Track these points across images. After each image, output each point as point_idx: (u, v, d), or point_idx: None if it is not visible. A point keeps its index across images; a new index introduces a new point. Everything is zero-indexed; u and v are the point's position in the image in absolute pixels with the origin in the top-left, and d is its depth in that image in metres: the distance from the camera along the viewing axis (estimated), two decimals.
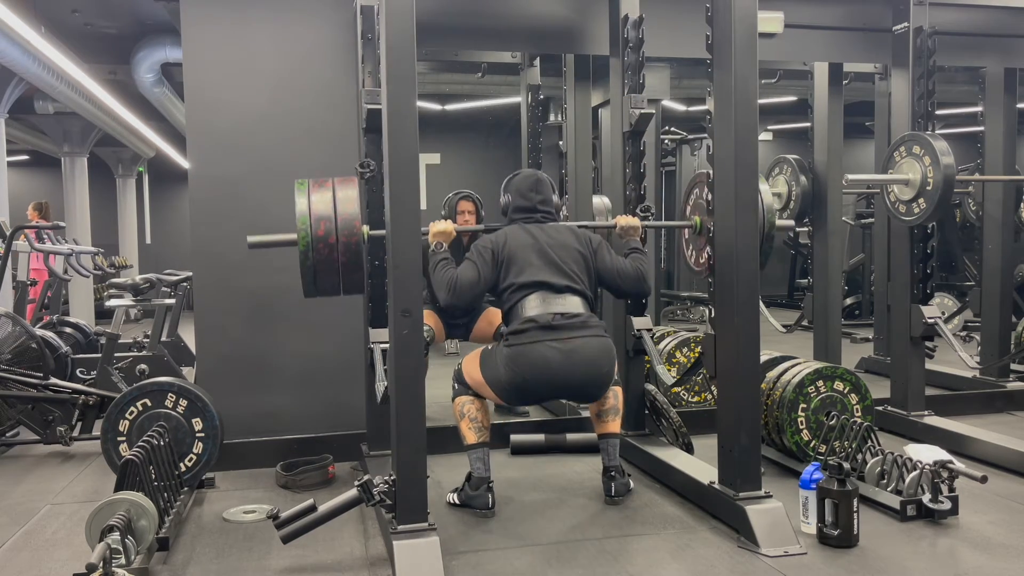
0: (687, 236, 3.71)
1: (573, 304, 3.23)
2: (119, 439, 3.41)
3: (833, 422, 3.61)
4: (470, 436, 3.36)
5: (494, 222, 3.66)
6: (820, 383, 3.69)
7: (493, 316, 4.37)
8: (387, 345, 3.06)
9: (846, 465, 2.95)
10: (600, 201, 5.12)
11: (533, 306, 3.20)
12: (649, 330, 3.82)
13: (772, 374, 3.82)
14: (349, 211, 3.10)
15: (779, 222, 3.70)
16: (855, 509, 2.91)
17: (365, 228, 3.19)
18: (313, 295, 3.21)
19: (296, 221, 3.08)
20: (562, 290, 3.23)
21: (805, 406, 3.66)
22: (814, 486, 3.02)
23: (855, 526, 2.92)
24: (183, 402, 3.47)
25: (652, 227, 3.69)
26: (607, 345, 3.25)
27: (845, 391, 3.71)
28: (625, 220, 3.59)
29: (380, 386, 3.31)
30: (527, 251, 3.28)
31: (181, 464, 3.41)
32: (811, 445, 3.66)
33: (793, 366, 3.84)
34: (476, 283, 3.25)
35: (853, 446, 3.46)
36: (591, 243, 3.41)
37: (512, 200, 3.47)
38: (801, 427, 3.66)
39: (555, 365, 3.12)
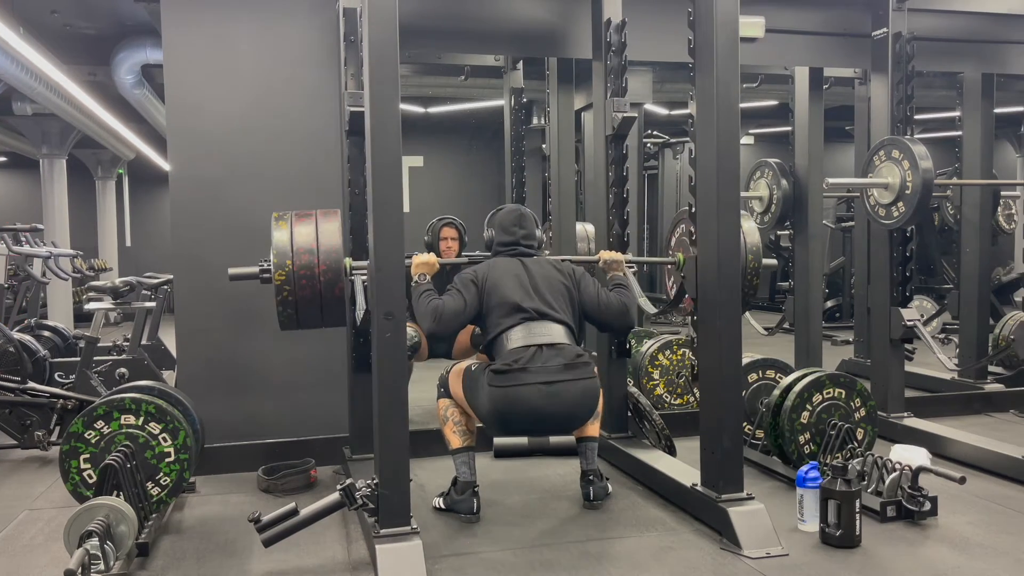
0: (669, 269, 3.72)
1: (557, 334, 3.21)
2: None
3: (833, 431, 3.59)
4: (454, 440, 3.36)
5: (477, 244, 3.65)
6: (826, 391, 3.63)
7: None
8: (366, 276, 3.08)
9: (851, 465, 2.97)
10: (582, 228, 5.12)
11: (517, 338, 3.18)
12: (631, 265, 3.81)
13: (785, 382, 3.74)
14: (332, 243, 3.10)
15: (765, 261, 3.71)
16: (858, 510, 2.94)
17: (348, 260, 3.19)
18: (292, 327, 3.20)
19: (271, 253, 3.08)
20: (546, 320, 3.23)
21: (808, 412, 3.62)
22: (810, 484, 3.05)
23: (857, 526, 2.95)
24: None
25: (635, 262, 3.70)
26: (592, 387, 3.21)
27: (844, 397, 3.66)
28: (608, 255, 3.61)
29: (360, 312, 3.30)
30: (510, 281, 3.28)
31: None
32: (809, 450, 3.63)
33: (802, 377, 3.75)
34: (461, 312, 3.24)
35: (844, 448, 3.48)
36: (574, 275, 3.42)
37: (496, 235, 3.49)
38: (799, 431, 3.62)
39: (538, 407, 3.10)
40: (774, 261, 3.99)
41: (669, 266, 3.70)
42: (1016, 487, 3.64)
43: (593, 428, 3.46)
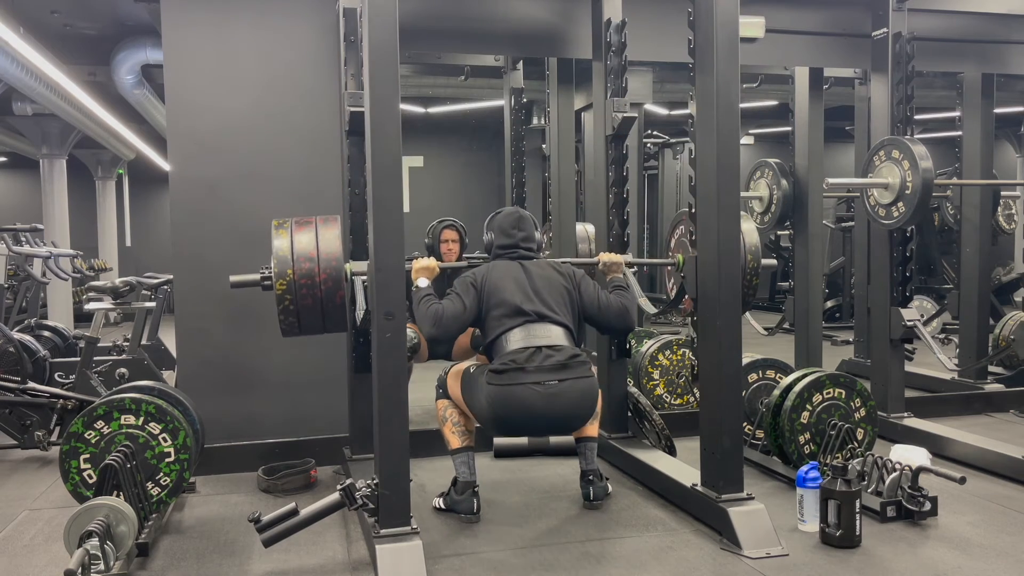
0: (669, 270, 3.74)
1: (556, 336, 3.22)
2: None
3: (833, 431, 3.59)
4: (453, 440, 3.36)
5: (477, 246, 3.65)
6: (826, 391, 3.63)
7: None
8: (365, 277, 3.13)
9: (851, 465, 2.97)
10: (583, 228, 5.13)
11: (516, 340, 3.19)
12: (631, 266, 3.83)
13: (785, 382, 3.75)
14: (332, 251, 3.11)
15: (764, 261, 3.72)
16: (858, 510, 2.94)
17: (348, 266, 3.20)
18: (295, 335, 3.22)
19: (272, 261, 3.10)
20: (545, 322, 3.23)
21: (808, 412, 3.62)
22: (810, 484, 3.06)
23: (857, 527, 2.95)
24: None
25: (635, 264, 3.70)
26: (590, 387, 3.22)
27: (844, 397, 3.65)
28: (608, 256, 3.60)
29: (360, 312, 3.31)
30: (510, 284, 3.29)
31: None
32: (809, 450, 3.63)
33: (802, 377, 3.75)
34: (461, 314, 3.24)
35: (844, 448, 3.48)
36: (574, 277, 3.42)
37: (495, 238, 3.49)
38: (799, 431, 3.62)
39: (536, 409, 3.11)
40: (773, 261, 3.99)
41: (669, 267, 3.70)
42: (1016, 487, 3.64)
43: (592, 428, 3.46)
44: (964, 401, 5.14)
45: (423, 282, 3.31)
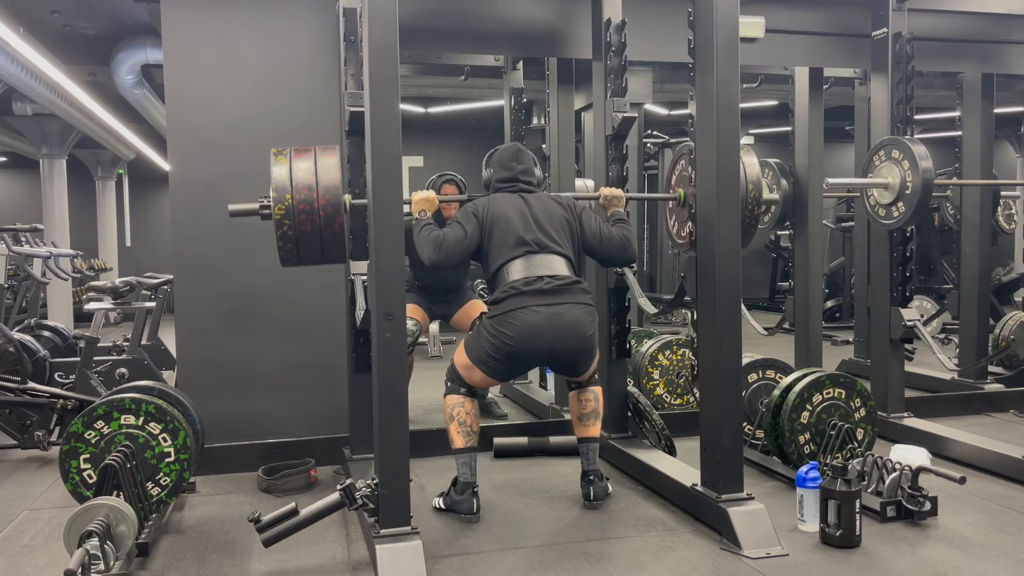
0: (671, 207, 3.73)
1: (558, 266, 3.26)
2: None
3: (833, 431, 3.59)
4: (458, 440, 3.34)
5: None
6: (826, 391, 3.63)
7: (472, 309, 4.43)
8: (365, 277, 3.13)
9: (851, 465, 2.97)
10: (583, 183, 5.14)
11: (517, 270, 3.23)
12: (632, 272, 3.86)
13: (785, 382, 3.75)
14: (331, 178, 3.07)
15: (766, 196, 3.70)
16: (858, 510, 2.94)
17: (347, 197, 3.18)
18: (293, 263, 3.18)
19: (271, 188, 3.06)
20: (546, 252, 3.26)
21: (808, 412, 3.62)
22: (810, 484, 3.06)
23: (857, 526, 2.95)
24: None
25: (635, 199, 3.69)
26: (591, 313, 3.27)
27: (844, 397, 3.65)
28: (609, 190, 3.60)
29: (360, 312, 3.32)
30: (511, 215, 3.30)
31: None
32: (809, 450, 3.63)
33: (802, 377, 3.75)
34: (462, 240, 3.26)
35: (844, 448, 3.48)
36: (575, 208, 3.44)
37: (494, 172, 3.50)
38: (799, 431, 3.62)
39: (538, 329, 3.14)
40: (776, 196, 3.94)
41: (671, 204, 3.69)
42: (1016, 487, 3.64)
43: (595, 429, 3.46)
44: (964, 401, 5.14)
45: (423, 214, 3.33)
